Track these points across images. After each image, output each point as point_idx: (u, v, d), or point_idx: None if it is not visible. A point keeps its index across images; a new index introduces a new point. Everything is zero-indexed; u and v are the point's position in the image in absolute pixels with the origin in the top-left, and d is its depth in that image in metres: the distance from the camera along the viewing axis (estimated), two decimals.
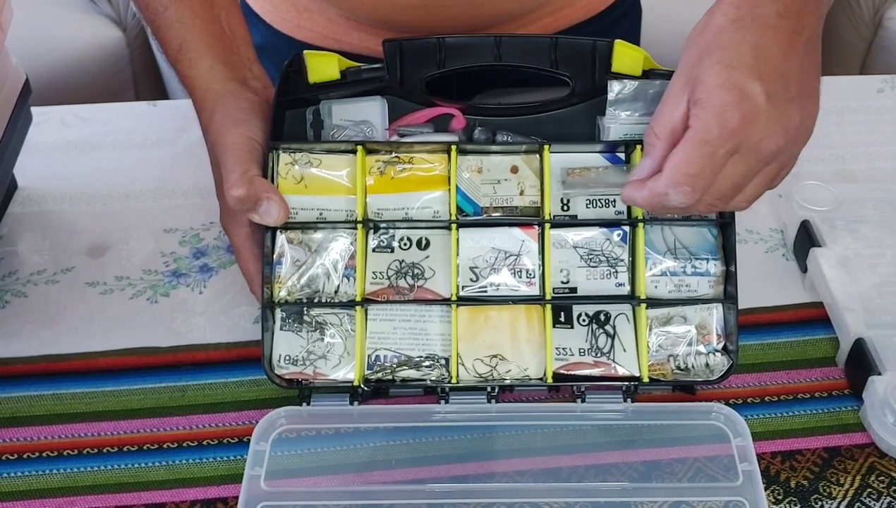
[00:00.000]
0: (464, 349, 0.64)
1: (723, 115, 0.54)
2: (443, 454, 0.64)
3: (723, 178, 0.57)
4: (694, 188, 0.56)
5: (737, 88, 0.55)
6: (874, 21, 1.85)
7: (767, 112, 0.55)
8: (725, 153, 0.55)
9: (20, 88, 0.79)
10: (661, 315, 0.66)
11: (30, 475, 0.64)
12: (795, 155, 0.60)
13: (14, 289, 0.76)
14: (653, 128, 0.59)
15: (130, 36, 1.75)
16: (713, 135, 0.55)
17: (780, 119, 0.55)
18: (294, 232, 0.66)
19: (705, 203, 0.58)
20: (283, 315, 0.66)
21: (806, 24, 0.57)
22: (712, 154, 0.55)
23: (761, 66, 0.55)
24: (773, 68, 0.55)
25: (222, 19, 0.71)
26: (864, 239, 0.74)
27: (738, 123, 0.54)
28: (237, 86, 0.68)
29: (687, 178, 0.56)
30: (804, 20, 0.57)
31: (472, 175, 0.67)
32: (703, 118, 0.55)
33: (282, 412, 0.63)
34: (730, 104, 0.54)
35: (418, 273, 0.66)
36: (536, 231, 0.66)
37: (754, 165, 0.57)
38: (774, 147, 0.56)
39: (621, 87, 0.67)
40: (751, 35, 0.56)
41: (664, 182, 0.57)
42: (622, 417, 0.64)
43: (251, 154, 0.65)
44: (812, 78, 0.58)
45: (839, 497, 0.62)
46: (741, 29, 0.56)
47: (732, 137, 0.55)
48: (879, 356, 0.66)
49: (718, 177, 0.56)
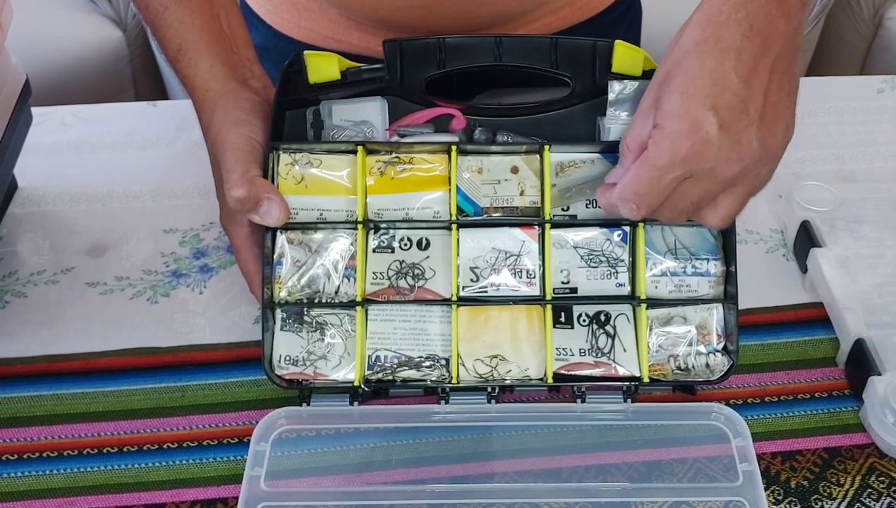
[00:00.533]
0: (464, 349, 0.64)
1: (674, 144, 0.56)
2: (443, 454, 0.64)
3: (679, 197, 0.58)
4: (639, 206, 0.58)
5: (689, 117, 0.55)
6: (874, 21, 1.85)
7: (719, 141, 0.55)
8: (674, 178, 0.57)
9: (20, 88, 0.79)
10: (662, 315, 0.66)
11: (30, 475, 0.64)
12: (765, 175, 0.60)
13: (14, 290, 0.76)
14: (625, 141, 0.60)
15: (130, 36, 1.76)
16: (662, 161, 0.56)
17: (733, 146, 0.56)
18: (294, 232, 0.66)
19: (666, 216, 0.60)
20: (283, 315, 0.66)
21: (773, 43, 0.57)
22: (659, 178, 0.57)
23: (717, 94, 0.55)
24: (731, 95, 0.55)
25: (222, 19, 0.71)
26: (864, 239, 0.74)
27: (688, 152, 0.55)
28: (237, 86, 0.68)
29: (633, 196, 0.58)
30: (771, 39, 0.57)
31: (473, 175, 0.67)
32: (656, 143, 0.56)
33: (282, 412, 0.63)
34: (681, 133, 0.55)
35: (418, 273, 0.66)
36: (537, 231, 0.66)
37: (713, 188, 0.58)
38: (730, 173, 0.57)
39: (622, 88, 0.67)
40: (710, 61, 0.56)
41: (615, 195, 0.59)
42: (622, 417, 0.64)
43: (251, 154, 0.65)
44: (779, 98, 0.57)
45: (839, 497, 0.62)
46: (702, 54, 0.56)
47: (683, 164, 0.56)
48: (879, 356, 0.66)
49: (674, 196, 0.58)
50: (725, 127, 0.55)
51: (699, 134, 0.55)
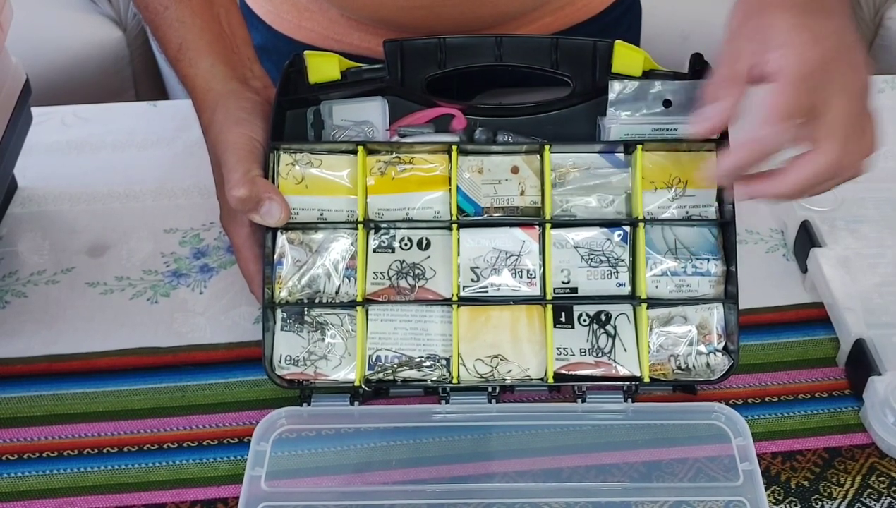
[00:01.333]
0: (464, 349, 0.64)
1: (803, 54, 0.56)
2: (443, 454, 0.64)
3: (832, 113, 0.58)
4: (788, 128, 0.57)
5: (809, 30, 0.57)
6: (874, 21, 1.85)
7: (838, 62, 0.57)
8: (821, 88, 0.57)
9: (20, 88, 0.79)
10: (662, 315, 0.66)
11: (30, 475, 0.64)
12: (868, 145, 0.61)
13: (14, 290, 0.76)
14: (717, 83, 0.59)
15: (130, 36, 1.75)
16: (807, 69, 0.56)
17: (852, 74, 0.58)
18: (295, 232, 0.66)
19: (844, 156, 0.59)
20: (283, 315, 0.66)
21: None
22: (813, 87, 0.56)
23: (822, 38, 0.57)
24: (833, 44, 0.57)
25: (222, 19, 0.71)
26: (864, 239, 0.74)
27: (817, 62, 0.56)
28: (238, 86, 0.68)
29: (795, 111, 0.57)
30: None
31: (473, 175, 0.67)
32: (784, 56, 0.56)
33: (282, 412, 0.63)
34: (807, 43, 0.56)
35: (419, 273, 0.66)
36: (537, 231, 0.66)
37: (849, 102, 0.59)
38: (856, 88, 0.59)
39: (622, 87, 0.67)
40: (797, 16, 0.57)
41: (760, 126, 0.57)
42: (622, 417, 0.64)
43: (252, 154, 0.65)
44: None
45: (839, 497, 0.62)
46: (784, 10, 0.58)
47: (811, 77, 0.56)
48: (879, 356, 0.66)
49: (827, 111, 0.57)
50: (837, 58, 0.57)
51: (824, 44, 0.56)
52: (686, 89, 0.67)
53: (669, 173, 0.67)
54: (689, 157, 0.67)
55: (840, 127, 0.57)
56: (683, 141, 0.67)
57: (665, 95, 0.66)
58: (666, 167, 0.67)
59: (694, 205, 0.67)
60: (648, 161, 0.67)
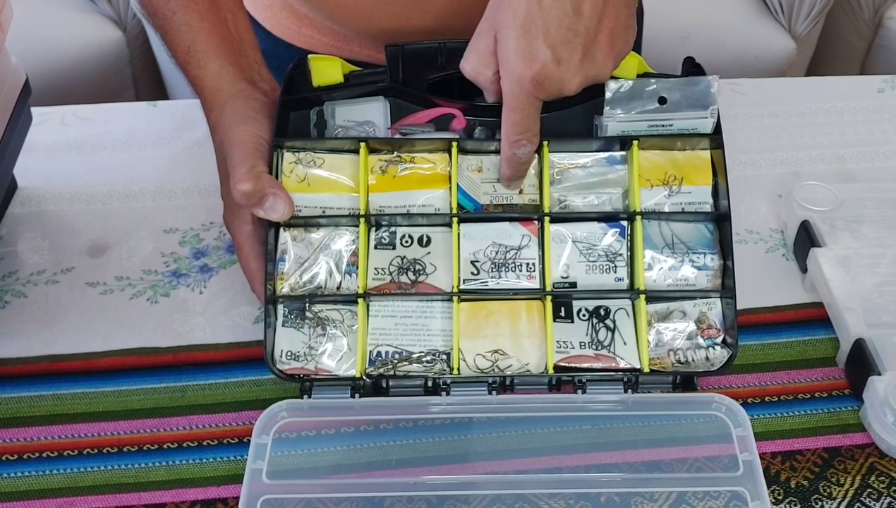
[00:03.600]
0: (465, 344, 0.65)
1: (520, 84, 0.60)
2: (442, 453, 0.64)
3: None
4: (529, 140, 0.63)
5: (528, 55, 0.59)
6: (874, 21, 1.85)
7: (557, 72, 0.59)
8: (537, 107, 0.62)
9: (20, 88, 0.79)
10: (661, 310, 0.66)
11: (30, 475, 0.64)
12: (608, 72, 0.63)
13: (14, 290, 0.76)
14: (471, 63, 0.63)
15: (130, 36, 1.76)
16: (519, 102, 0.61)
17: (573, 77, 0.60)
18: (297, 229, 0.67)
19: None
20: (284, 311, 0.66)
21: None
22: (526, 115, 0.62)
23: (553, 30, 0.58)
24: (566, 30, 0.59)
25: (229, 23, 0.71)
26: (864, 239, 0.74)
27: (533, 86, 0.60)
28: (246, 86, 0.68)
29: (519, 136, 0.63)
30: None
31: (472, 173, 0.68)
32: (506, 86, 0.61)
33: (283, 405, 0.63)
34: (524, 71, 0.59)
35: (420, 269, 0.67)
36: (536, 226, 0.67)
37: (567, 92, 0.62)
38: (574, 87, 0.61)
39: (618, 87, 0.67)
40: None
41: (506, 148, 0.63)
42: (622, 408, 0.64)
43: (258, 151, 0.65)
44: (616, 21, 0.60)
45: (839, 497, 0.62)
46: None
47: (535, 97, 0.61)
48: (879, 356, 0.66)
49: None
50: (562, 61, 0.59)
51: (536, 68, 0.59)
52: (681, 86, 0.67)
53: (665, 171, 0.67)
54: (684, 155, 0.68)
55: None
56: (679, 137, 0.67)
57: (660, 93, 0.67)
58: (662, 165, 0.68)
59: (690, 201, 0.67)
60: (644, 159, 0.67)
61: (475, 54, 0.62)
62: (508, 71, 0.60)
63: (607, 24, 0.60)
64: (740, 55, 1.73)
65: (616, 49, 0.61)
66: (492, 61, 0.61)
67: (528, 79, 0.59)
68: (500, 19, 0.60)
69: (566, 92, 0.61)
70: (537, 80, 0.59)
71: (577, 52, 0.59)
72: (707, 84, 0.67)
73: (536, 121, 0.63)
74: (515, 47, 0.59)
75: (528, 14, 0.58)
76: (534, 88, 0.60)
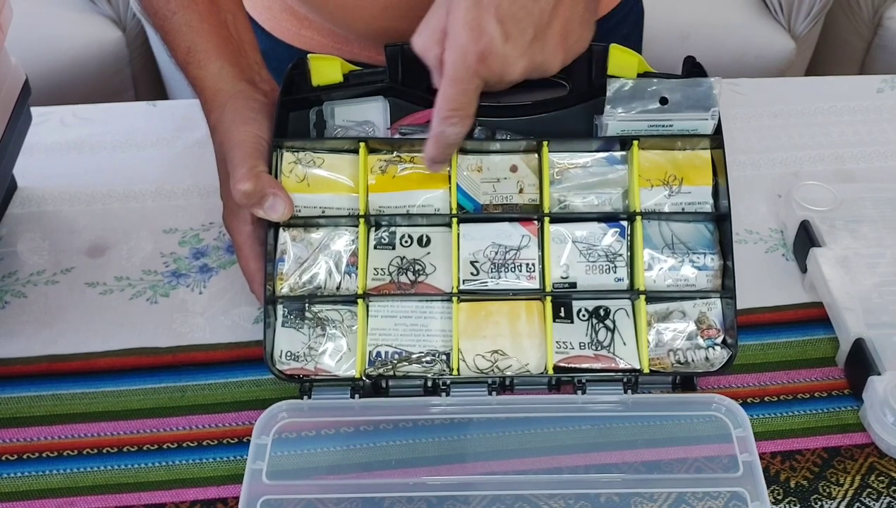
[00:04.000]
0: (465, 345, 0.65)
1: (464, 56, 0.57)
2: (442, 453, 0.64)
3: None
4: (461, 119, 0.60)
5: (476, 27, 0.57)
6: (874, 21, 1.85)
7: (504, 51, 0.57)
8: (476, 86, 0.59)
9: (20, 88, 0.79)
10: (660, 310, 0.66)
11: (30, 475, 0.64)
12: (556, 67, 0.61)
13: (14, 290, 0.76)
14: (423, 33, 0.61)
15: (130, 36, 1.76)
16: (458, 74, 0.58)
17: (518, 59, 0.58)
18: (296, 229, 0.67)
19: None
20: (284, 311, 0.66)
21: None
22: (463, 90, 0.59)
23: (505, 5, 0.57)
24: (519, 7, 0.57)
25: (229, 23, 0.71)
26: (863, 239, 0.74)
27: (475, 62, 0.57)
28: (247, 87, 0.68)
29: (451, 113, 0.60)
30: None
31: (472, 173, 0.68)
32: (449, 56, 0.58)
33: (283, 405, 0.63)
34: (468, 44, 0.57)
35: (419, 269, 0.67)
36: (536, 226, 0.67)
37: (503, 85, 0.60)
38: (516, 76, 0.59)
39: (619, 85, 0.67)
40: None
41: (436, 123, 0.61)
42: (622, 409, 0.64)
43: (258, 151, 0.65)
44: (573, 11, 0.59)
45: (839, 497, 0.62)
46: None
47: (476, 74, 0.58)
48: (879, 356, 0.66)
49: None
50: (510, 38, 0.57)
51: (483, 42, 0.57)
52: (683, 87, 0.67)
53: (665, 171, 0.67)
54: (684, 155, 0.68)
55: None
56: (679, 137, 0.67)
57: (662, 93, 0.67)
58: (662, 165, 0.68)
59: (690, 202, 0.67)
60: (644, 159, 0.67)
61: (427, 30, 0.60)
62: (454, 41, 0.58)
63: (563, 13, 0.58)
64: (740, 55, 1.73)
65: (568, 42, 0.60)
66: (443, 38, 0.59)
67: (472, 52, 0.57)
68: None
69: (508, 75, 0.58)
70: (482, 54, 0.57)
71: (527, 32, 0.57)
72: (709, 85, 0.67)
73: (473, 102, 0.60)
74: (464, 17, 0.57)
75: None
76: (477, 63, 0.57)
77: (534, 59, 0.58)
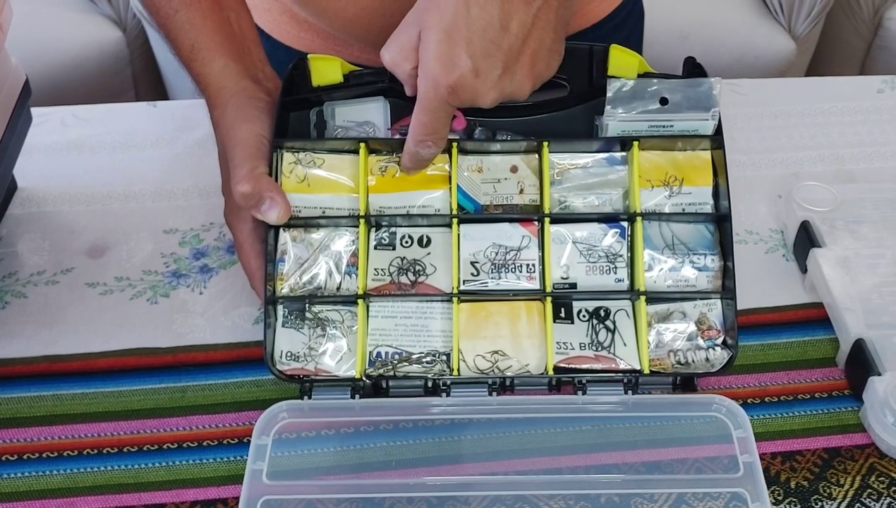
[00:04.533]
0: (465, 345, 0.65)
1: (435, 87, 0.59)
2: (442, 454, 0.64)
3: None
4: (435, 142, 0.63)
5: (447, 60, 0.58)
6: (874, 21, 1.85)
7: (473, 85, 0.59)
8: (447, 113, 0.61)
9: (20, 89, 0.79)
10: (661, 311, 0.66)
11: (30, 475, 0.64)
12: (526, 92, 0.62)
13: (14, 290, 0.76)
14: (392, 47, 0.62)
15: (130, 36, 1.76)
16: (431, 104, 0.60)
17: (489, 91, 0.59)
18: (297, 229, 0.67)
19: None
20: (284, 312, 0.66)
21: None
22: (435, 118, 0.61)
23: (477, 40, 0.58)
24: (489, 42, 0.58)
25: (232, 21, 0.71)
26: (863, 239, 0.74)
27: (447, 93, 0.59)
28: (251, 84, 0.68)
29: (425, 137, 0.62)
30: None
31: (472, 174, 0.68)
32: (421, 85, 0.60)
33: (283, 405, 0.63)
34: (439, 75, 0.58)
35: (419, 269, 0.67)
36: (536, 227, 0.67)
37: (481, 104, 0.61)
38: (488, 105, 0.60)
39: (620, 85, 0.67)
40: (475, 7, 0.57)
41: (411, 144, 0.63)
42: (623, 409, 0.64)
43: (260, 151, 0.65)
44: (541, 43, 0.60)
45: (839, 497, 0.62)
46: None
47: (447, 103, 0.60)
48: (879, 356, 0.66)
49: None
50: (481, 73, 0.58)
51: (454, 77, 0.58)
52: (683, 88, 0.67)
53: (666, 172, 0.67)
54: (684, 156, 0.68)
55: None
56: (679, 138, 0.67)
57: (662, 93, 0.67)
58: (662, 166, 0.68)
59: (690, 202, 0.67)
60: (645, 160, 0.67)
61: (396, 46, 0.61)
62: (426, 72, 0.59)
63: (532, 45, 0.59)
64: (740, 55, 1.73)
65: (537, 70, 0.61)
66: (412, 56, 0.60)
67: (443, 85, 0.58)
68: (426, 17, 0.59)
69: (479, 104, 0.60)
70: (453, 88, 0.58)
71: (496, 67, 0.58)
72: (709, 86, 0.67)
73: (446, 126, 0.62)
74: (436, 51, 0.58)
75: (455, 19, 0.57)
76: (448, 95, 0.59)
77: (503, 90, 0.60)
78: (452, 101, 0.59)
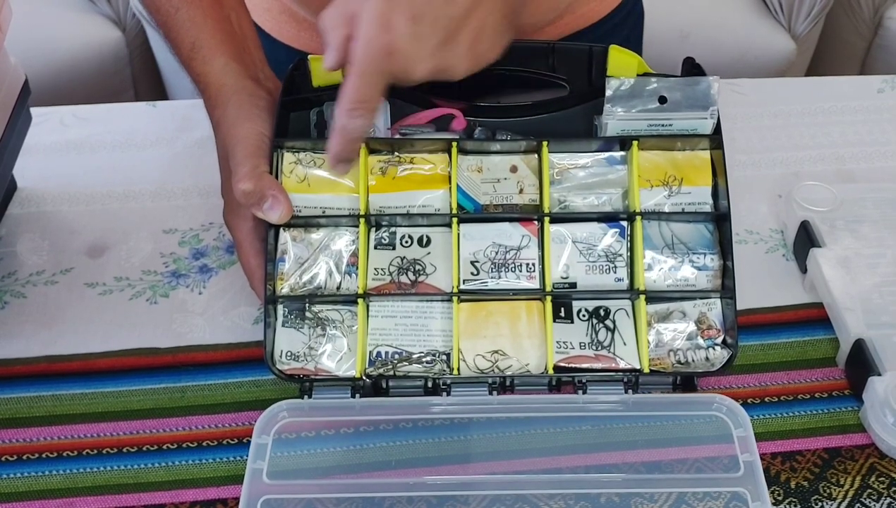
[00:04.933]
0: (465, 345, 0.65)
1: (368, 49, 0.56)
2: (443, 454, 0.64)
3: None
4: (365, 112, 0.59)
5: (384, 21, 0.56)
6: (874, 21, 1.85)
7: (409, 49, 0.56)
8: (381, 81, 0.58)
9: (20, 89, 0.79)
10: (661, 310, 0.66)
11: (29, 476, 0.64)
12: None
13: (13, 290, 0.76)
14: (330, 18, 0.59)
15: (130, 36, 1.76)
16: (363, 68, 0.57)
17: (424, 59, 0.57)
18: (297, 229, 0.67)
19: None
20: (284, 311, 0.66)
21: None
22: (369, 83, 0.57)
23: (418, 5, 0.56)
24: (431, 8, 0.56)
25: (233, 21, 0.71)
26: (864, 239, 0.74)
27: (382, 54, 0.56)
28: (251, 84, 0.68)
29: (358, 104, 0.58)
30: None
31: (472, 174, 0.68)
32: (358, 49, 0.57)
33: (283, 405, 0.63)
34: (374, 37, 0.56)
35: (419, 269, 0.67)
36: (536, 226, 0.67)
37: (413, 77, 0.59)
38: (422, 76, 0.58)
39: (619, 84, 0.67)
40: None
41: (342, 116, 0.59)
42: (623, 408, 0.64)
43: (261, 149, 0.65)
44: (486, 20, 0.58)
45: (839, 497, 0.62)
46: None
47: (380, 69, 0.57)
48: (879, 356, 0.66)
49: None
50: (418, 39, 0.56)
51: (390, 37, 0.56)
52: (682, 86, 0.67)
53: (665, 171, 0.67)
54: (684, 156, 0.68)
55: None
56: (678, 138, 0.67)
57: (661, 92, 0.67)
58: (661, 165, 0.68)
59: (689, 202, 0.67)
60: (644, 159, 0.67)
61: (336, 11, 0.59)
62: (363, 33, 0.57)
63: (476, 21, 0.58)
64: (740, 55, 1.73)
65: (478, 50, 0.59)
66: (349, 22, 0.58)
67: (379, 46, 0.56)
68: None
69: (413, 73, 0.58)
70: (388, 49, 0.56)
71: (436, 34, 0.57)
72: (707, 84, 0.67)
73: (377, 95, 0.58)
74: (376, 10, 0.56)
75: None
76: (382, 56, 0.56)
77: (440, 62, 0.58)
78: (386, 65, 0.57)
